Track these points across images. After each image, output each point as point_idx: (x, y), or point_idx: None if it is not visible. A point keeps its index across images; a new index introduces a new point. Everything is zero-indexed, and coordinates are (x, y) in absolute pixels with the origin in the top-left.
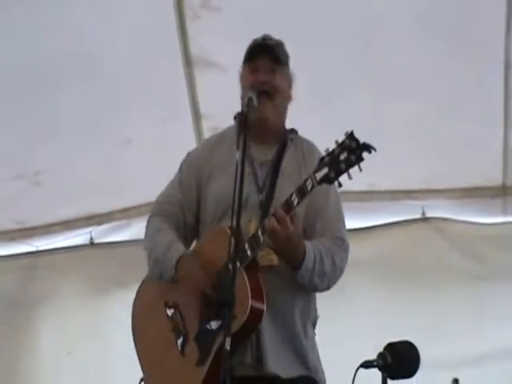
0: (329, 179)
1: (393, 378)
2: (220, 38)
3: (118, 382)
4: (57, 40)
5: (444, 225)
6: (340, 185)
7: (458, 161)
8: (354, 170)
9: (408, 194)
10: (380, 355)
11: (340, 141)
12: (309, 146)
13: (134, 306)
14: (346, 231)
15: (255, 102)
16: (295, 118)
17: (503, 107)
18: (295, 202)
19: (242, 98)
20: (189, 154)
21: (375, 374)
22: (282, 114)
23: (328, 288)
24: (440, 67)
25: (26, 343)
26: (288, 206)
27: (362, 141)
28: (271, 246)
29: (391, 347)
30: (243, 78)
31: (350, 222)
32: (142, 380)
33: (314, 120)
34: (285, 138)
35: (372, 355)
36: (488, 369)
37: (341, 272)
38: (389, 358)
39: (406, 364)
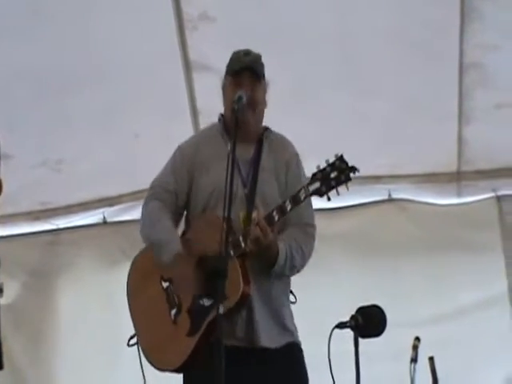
0: (320, 193)
1: (363, 336)
2: (214, 45)
3: (126, 340)
4: (77, 49)
5: (407, 205)
6: (329, 198)
7: (420, 150)
8: None
9: (376, 179)
10: (352, 317)
11: (331, 161)
12: (282, 141)
13: (130, 275)
14: (324, 210)
15: (244, 100)
16: (280, 118)
17: (457, 105)
18: (288, 208)
19: (226, 106)
20: (180, 147)
21: (348, 334)
22: (260, 119)
23: (296, 273)
24: (404, 71)
25: (48, 307)
26: (275, 217)
27: (350, 164)
28: (251, 249)
29: (362, 310)
30: (226, 89)
31: (328, 203)
32: (132, 336)
33: (297, 117)
34: (261, 137)
35: (345, 317)
36: (444, 327)
37: (309, 256)
38: (360, 320)
39: (374, 325)
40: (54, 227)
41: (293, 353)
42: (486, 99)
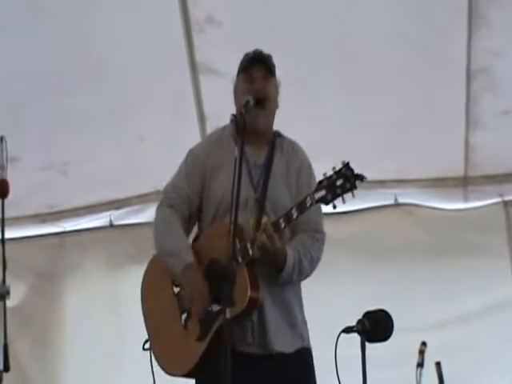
0: (325, 201)
1: (370, 341)
2: (221, 48)
3: (132, 342)
4: (81, 48)
5: (413, 210)
6: (334, 206)
7: (426, 154)
8: None
9: (382, 183)
10: (359, 322)
11: (337, 168)
12: (293, 149)
13: (145, 278)
14: (330, 215)
15: (252, 103)
16: (285, 121)
17: (464, 109)
18: (294, 216)
19: (237, 107)
20: (191, 150)
21: (355, 338)
22: (271, 120)
23: (305, 279)
24: (410, 75)
25: (54, 310)
26: (281, 224)
27: (356, 171)
28: (257, 256)
29: (368, 315)
30: (238, 88)
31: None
32: (147, 340)
33: (301, 122)
34: (273, 141)
35: (352, 322)
36: (450, 332)
37: (317, 261)
38: (367, 324)
39: (381, 329)
40: (60, 230)
41: (305, 359)
42: (493, 105)
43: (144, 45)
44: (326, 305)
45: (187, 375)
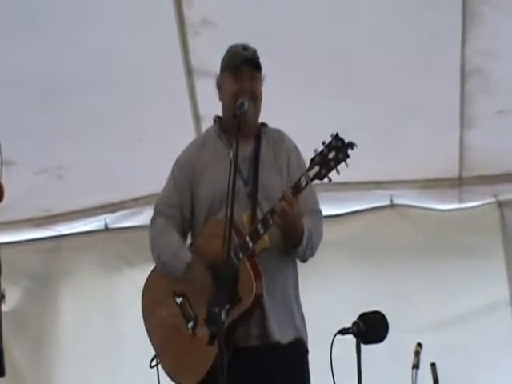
0: (320, 176)
1: (365, 342)
2: (216, 50)
3: (128, 346)
4: (78, 55)
5: (408, 211)
6: (330, 180)
7: (421, 155)
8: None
9: (378, 184)
10: (354, 323)
11: (327, 142)
12: (279, 135)
13: (144, 295)
14: (326, 217)
15: (246, 106)
16: (280, 122)
17: (459, 109)
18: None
19: (225, 104)
20: (178, 159)
21: (350, 340)
22: (258, 113)
23: (312, 256)
24: (404, 76)
25: (49, 314)
26: (296, 190)
27: (346, 140)
28: (280, 226)
29: (364, 316)
30: (225, 84)
31: (329, 209)
32: (154, 357)
33: (296, 123)
34: (259, 133)
35: (347, 323)
36: (446, 333)
37: (321, 237)
38: (362, 326)
39: (376, 331)
40: (55, 234)
41: (300, 350)
42: (488, 105)
43: (139, 48)
44: (321, 306)
45: (204, 382)
